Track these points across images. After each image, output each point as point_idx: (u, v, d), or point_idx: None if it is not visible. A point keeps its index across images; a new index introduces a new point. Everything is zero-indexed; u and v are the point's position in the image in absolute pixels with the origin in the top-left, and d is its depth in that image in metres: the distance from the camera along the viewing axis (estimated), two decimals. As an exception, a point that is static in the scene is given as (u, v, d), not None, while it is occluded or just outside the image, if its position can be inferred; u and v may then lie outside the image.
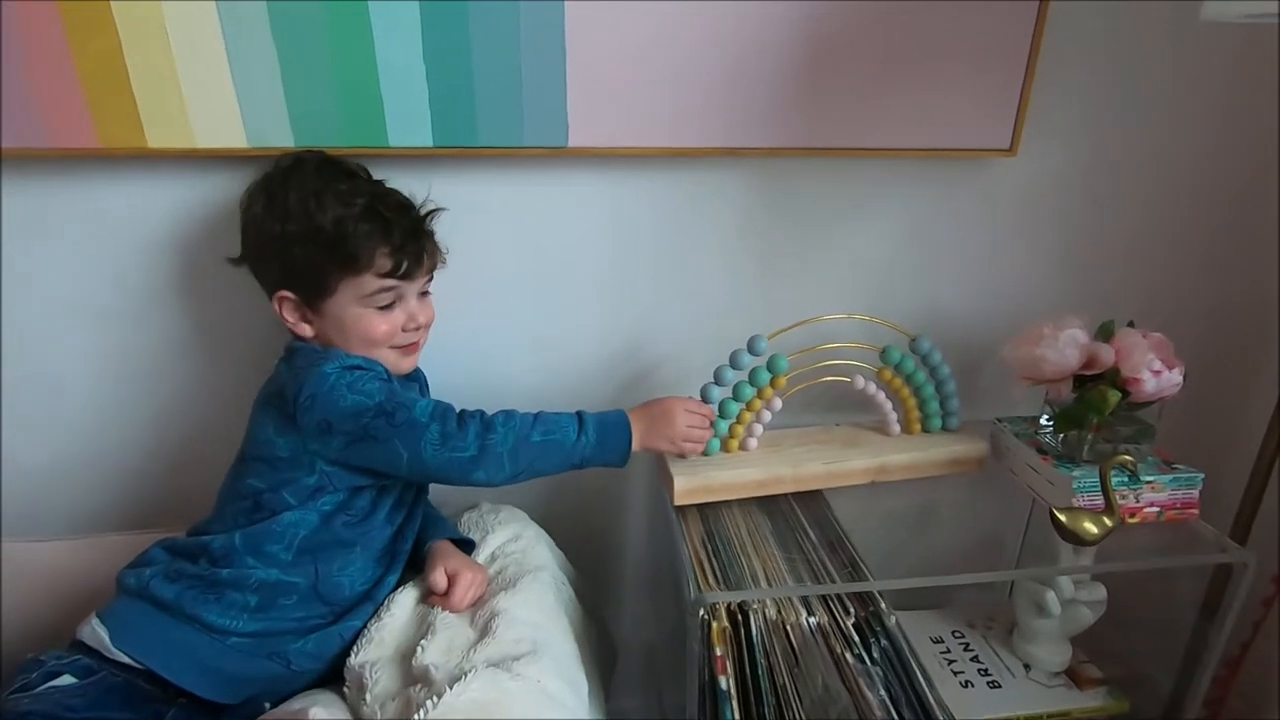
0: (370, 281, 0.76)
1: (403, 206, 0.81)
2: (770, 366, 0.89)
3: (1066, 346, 0.84)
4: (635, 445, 0.81)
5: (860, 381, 0.93)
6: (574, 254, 0.95)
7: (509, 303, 0.96)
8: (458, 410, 0.76)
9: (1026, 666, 1.00)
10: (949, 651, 1.04)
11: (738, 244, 0.97)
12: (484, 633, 0.74)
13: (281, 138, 0.82)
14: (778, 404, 0.92)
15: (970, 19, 0.86)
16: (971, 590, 1.18)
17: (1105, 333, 0.89)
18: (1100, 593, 0.95)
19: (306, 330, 0.79)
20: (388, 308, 0.79)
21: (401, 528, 0.82)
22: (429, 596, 0.80)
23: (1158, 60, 0.94)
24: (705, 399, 0.88)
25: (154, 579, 0.73)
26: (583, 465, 0.79)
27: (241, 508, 0.76)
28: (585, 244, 0.95)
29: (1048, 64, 0.89)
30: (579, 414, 0.79)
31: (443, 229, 0.84)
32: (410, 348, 0.83)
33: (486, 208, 0.88)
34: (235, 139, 0.82)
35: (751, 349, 0.88)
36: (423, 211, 0.82)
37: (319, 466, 0.75)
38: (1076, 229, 1.02)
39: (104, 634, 0.71)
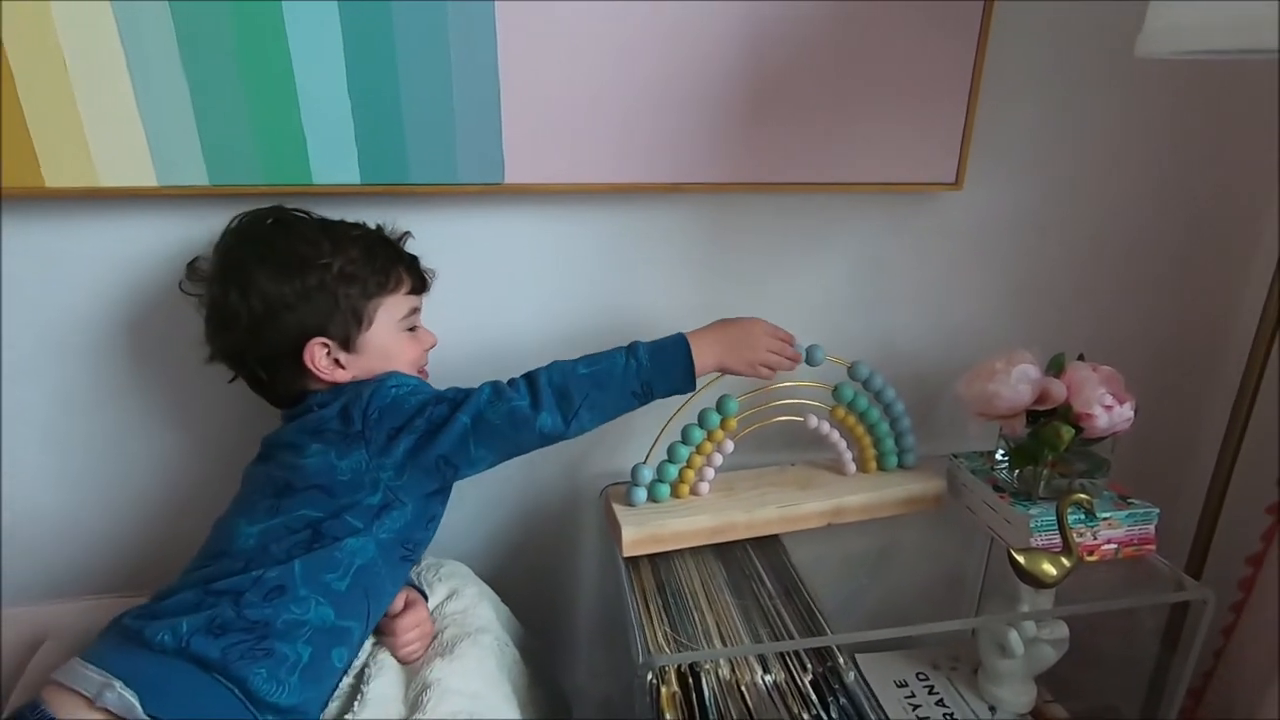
0: (400, 302, 0.77)
1: (386, 233, 0.81)
2: (719, 408, 0.86)
3: (1019, 382, 0.83)
4: (709, 364, 0.78)
5: (813, 420, 0.91)
6: (513, 295, 0.91)
7: (444, 347, 0.91)
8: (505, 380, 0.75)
9: (992, 708, 0.97)
10: (913, 696, 1.01)
11: (683, 282, 0.95)
12: (414, 708, 0.69)
13: (195, 175, 0.77)
14: (729, 446, 0.88)
15: (912, 53, 0.86)
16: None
17: (1056, 366, 0.88)
18: (1062, 630, 0.93)
19: (343, 375, 0.75)
20: (413, 330, 0.79)
21: None
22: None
23: (1101, 91, 0.95)
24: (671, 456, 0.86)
25: (195, 635, 0.64)
26: (648, 393, 0.76)
27: (298, 540, 0.69)
28: (524, 285, 0.91)
29: (990, 96, 0.89)
30: (630, 344, 0.77)
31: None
32: (425, 374, 0.82)
33: (419, 249, 0.84)
34: (144, 177, 0.77)
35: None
36: (396, 237, 0.82)
37: (383, 482, 0.71)
38: (1025, 261, 1.02)
39: (133, 699, 0.60)
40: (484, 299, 0.91)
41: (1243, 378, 0.87)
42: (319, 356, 0.73)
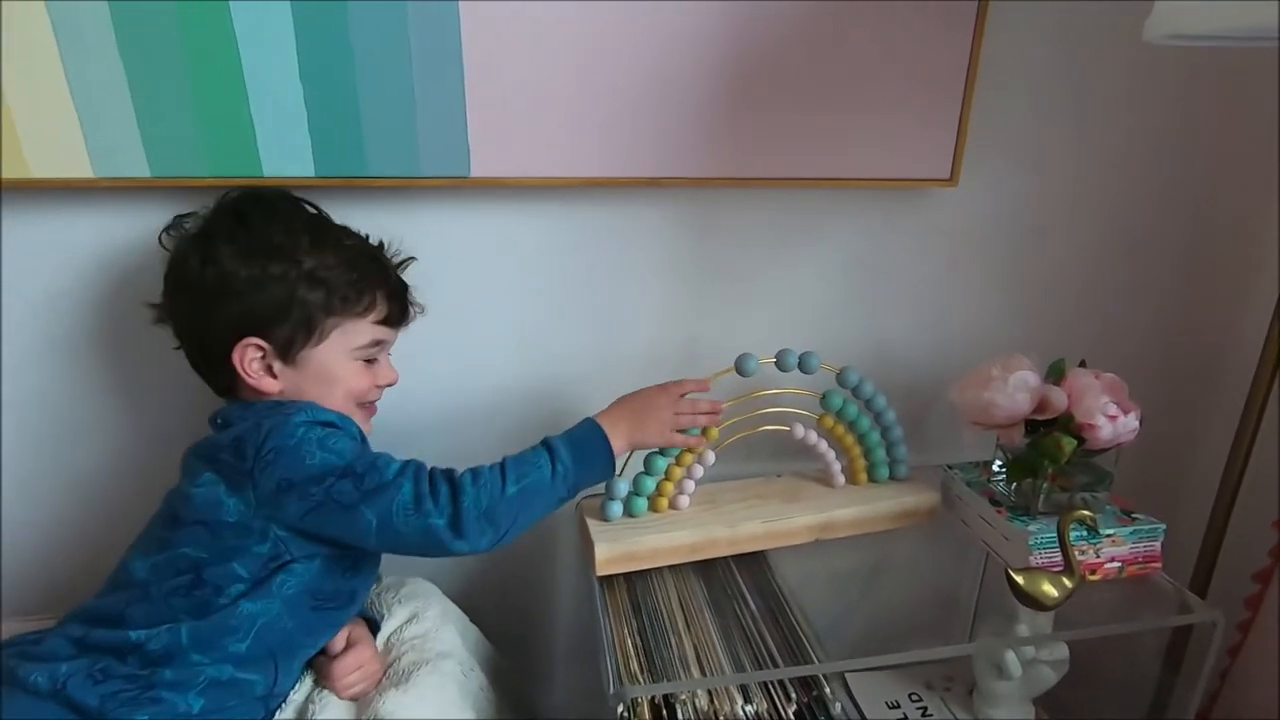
0: (365, 329, 0.70)
1: (382, 252, 0.75)
2: (700, 417, 0.81)
3: (1016, 390, 0.78)
4: (621, 446, 0.74)
5: (800, 430, 0.86)
6: (480, 295, 0.86)
7: (407, 349, 0.86)
8: (429, 468, 0.67)
9: (987, 732, 0.93)
10: (905, 718, 0.96)
11: (662, 283, 0.89)
12: (363, 744, 0.64)
13: (135, 167, 0.72)
14: (710, 458, 0.83)
15: (904, 43, 0.81)
16: (928, 643, 1.10)
17: (1056, 373, 0.83)
18: (1062, 651, 0.88)
19: (271, 385, 0.68)
20: (370, 361, 0.72)
21: None
22: (316, 655, 0.71)
23: (1103, 84, 0.91)
24: (648, 468, 0.81)
25: (73, 677, 0.59)
26: (571, 495, 0.71)
27: (178, 585, 0.63)
28: (493, 284, 0.86)
29: (987, 88, 0.85)
30: (546, 443, 0.71)
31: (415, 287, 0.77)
32: (373, 409, 0.76)
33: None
34: (79, 168, 0.71)
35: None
36: (396, 260, 0.76)
37: (272, 532, 0.64)
38: (1023, 261, 0.97)
39: None
40: (449, 301, 0.85)
41: (1251, 385, 0.83)
42: (249, 358, 0.67)
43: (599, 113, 0.78)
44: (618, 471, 0.76)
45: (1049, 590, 0.73)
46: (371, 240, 0.75)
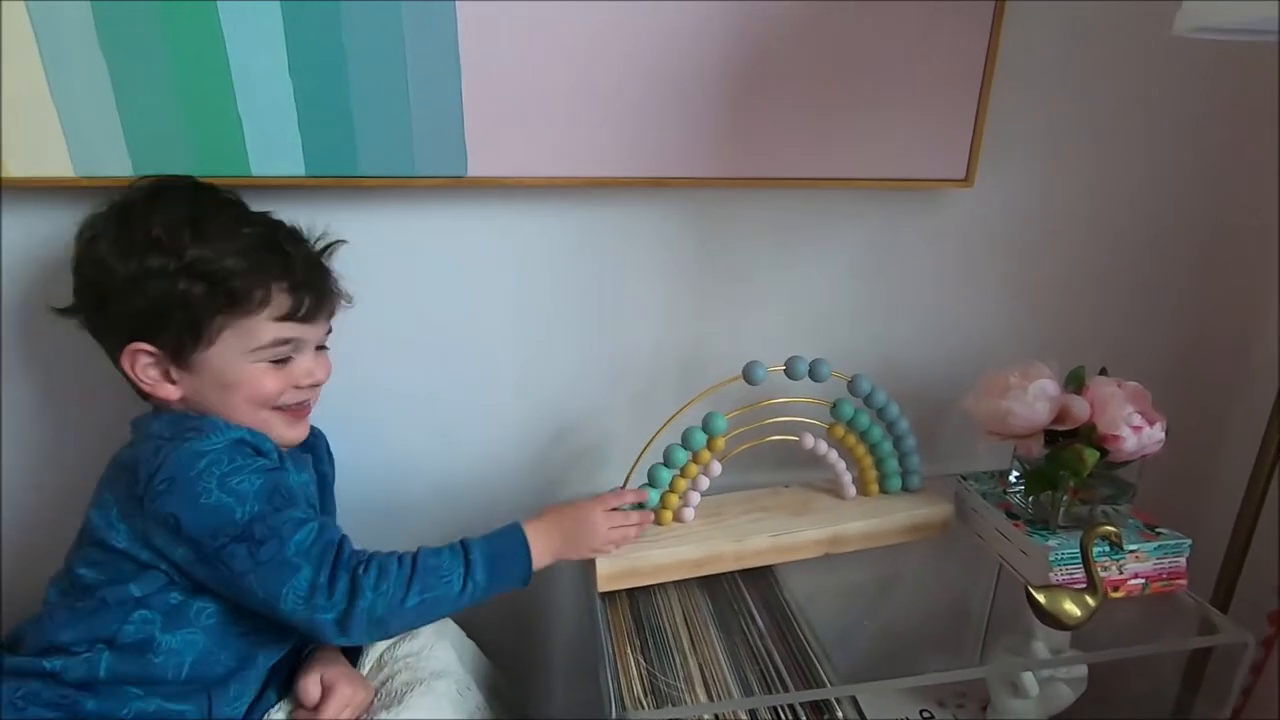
0: (264, 327, 0.63)
1: (299, 238, 0.68)
2: (706, 426, 0.78)
3: (1036, 399, 0.75)
4: (545, 560, 0.70)
5: (810, 440, 0.82)
6: (477, 299, 0.83)
7: (402, 357, 0.83)
8: (335, 552, 0.61)
9: (1002, 752, 0.90)
10: (917, 737, 0.93)
11: (665, 286, 0.86)
12: (354, 771, 0.61)
13: (118, 166, 0.69)
14: (716, 468, 0.80)
15: (918, 36, 0.78)
16: (940, 662, 1.07)
17: (1075, 381, 0.80)
18: (1081, 670, 0.85)
19: (170, 391, 0.63)
20: (281, 361, 0.65)
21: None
22: (296, 710, 0.67)
23: (1122, 82, 0.88)
24: (652, 479, 0.77)
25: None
26: (476, 604, 0.66)
27: (85, 608, 0.60)
28: (490, 287, 0.83)
29: (1004, 85, 0.81)
30: (466, 552, 0.66)
31: (341, 275, 0.72)
32: (300, 410, 0.69)
33: (372, 248, 0.76)
34: (59, 167, 0.68)
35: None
36: (319, 245, 0.70)
37: (165, 565, 0.60)
38: (1040, 265, 0.94)
39: None
40: (444, 303, 0.82)
41: (1278, 394, 0.79)
42: (141, 365, 0.62)
43: (600, 110, 0.75)
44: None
45: (1071, 609, 0.70)
46: (287, 227, 0.68)
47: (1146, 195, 0.93)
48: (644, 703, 0.66)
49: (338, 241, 0.71)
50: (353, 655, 0.73)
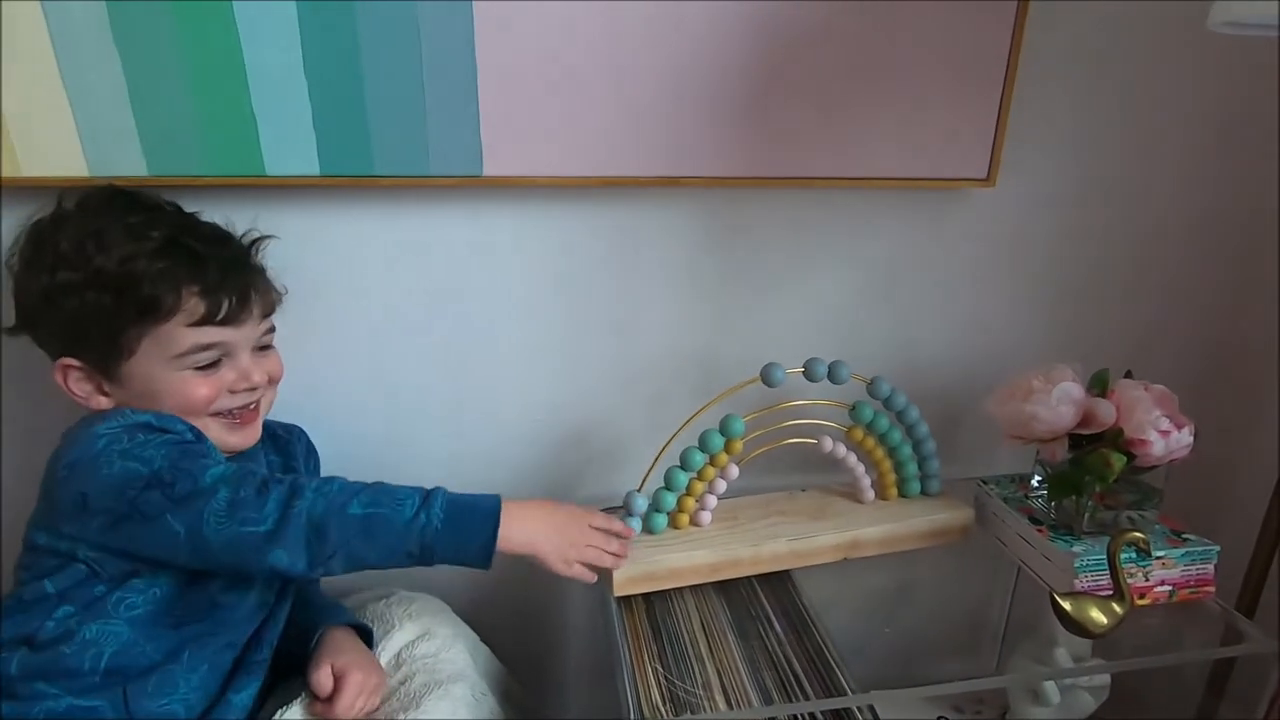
0: (180, 334, 0.61)
1: (218, 238, 0.67)
2: (723, 428, 0.77)
3: (1060, 403, 0.74)
4: (519, 543, 0.63)
5: (828, 443, 0.81)
6: (491, 298, 0.82)
7: (415, 356, 0.82)
8: (266, 475, 0.59)
9: (1022, 761, 0.88)
10: (935, 744, 0.92)
11: (681, 287, 0.85)
12: (372, 775, 0.60)
13: (132, 165, 0.68)
14: (734, 472, 0.79)
15: (939, 35, 0.77)
16: (958, 667, 1.06)
17: (1100, 384, 0.79)
18: (1103, 677, 0.84)
19: (103, 403, 0.63)
20: (210, 367, 0.64)
21: (258, 631, 0.66)
22: (312, 704, 0.66)
23: (1148, 79, 0.86)
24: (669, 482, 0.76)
25: None
26: (424, 557, 0.60)
27: (8, 608, 0.60)
28: (505, 287, 0.82)
29: (1027, 83, 0.80)
30: (427, 490, 0.62)
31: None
32: (244, 416, 0.67)
33: (385, 248, 0.75)
34: (73, 166, 0.68)
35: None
36: (246, 241, 0.68)
37: (81, 554, 0.59)
38: (1063, 266, 0.92)
39: None
40: (459, 303, 0.81)
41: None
42: (73, 379, 0.62)
43: (617, 109, 0.74)
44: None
45: (1098, 617, 0.69)
46: (204, 227, 0.66)
47: (1172, 194, 0.92)
48: (662, 710, 0.66)
49: (265, 237, 0.69)
50: (367, 639, 0.72)
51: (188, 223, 0.66)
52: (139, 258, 0.60)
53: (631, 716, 0.64)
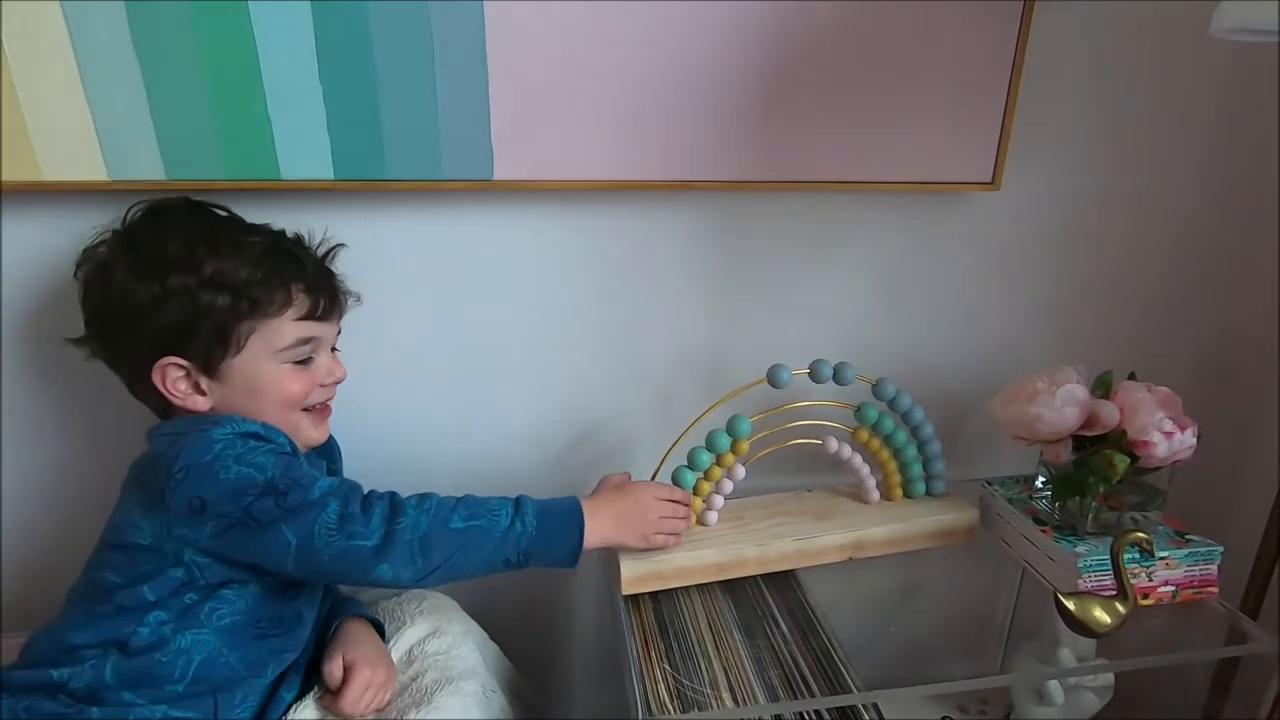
0: (286, 329, 0.65)
1: (301, 243, 0.70)
2: (730, 429, 0.78)
3: (1064, 404, 0.74)
4: (595, 541, 0.68)
5: (833, 444, 0.82)
6: (501, 301, 0.83)
7: (424, 357, 0.83)
8: (366, 491, 0.63)
9: (1027, 760, 0.89)
10: (940, 743, 0.92)
11: (688, 289, 0.86)
12: (385, 770, 0.61)
13: (150, 169, 0.70)
14: (740, 472, 0.80)
15: (945, 39, 0.78)
16: (962, 667, 1.07)
17: (1104, 386, 0.79)
18: (1107, 677, 0.84)
19: (201, 403, 0.65)
20: (303, 362, 0.67)
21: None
22: (323, 696, 0.67)
23: (1152, 84, 0.87)
24: (676, 482, 0.77)
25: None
26: (521, 563, 0.65)
27: (100, 612, 0.61)
28: (514, 289, 0.83)
29: (1031, 88, 0.81)
30: (517, 499, 0.66)
31: (344, 275, 0.72)
32: (323, 411, 0.71)
33: (397, 250, 0.76)
34: (93, 171, 0.69)
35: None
36: (321, 250, 0.71)
37: (186, 557, 0.60)
38: (1068, 268, 0.93)
39: None
40: (470, 306, 0.83)
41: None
42: (172, 379, 0.63)
43: (626, 114, 0.75)
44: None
45: (1101, 616, 0.69)
46: (288, 234, 0.70)
47: (1176, 197, 0.92)
48: (669, 707, 0.66)
49: (338, 245, 0.72)
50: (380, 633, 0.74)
51: (272, 229, 0.69)
52: (250, 259, 0.64)
53: (639, 714, 0.65)
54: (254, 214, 0.71)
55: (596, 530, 0.68)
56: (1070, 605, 0.69)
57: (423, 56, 0.70)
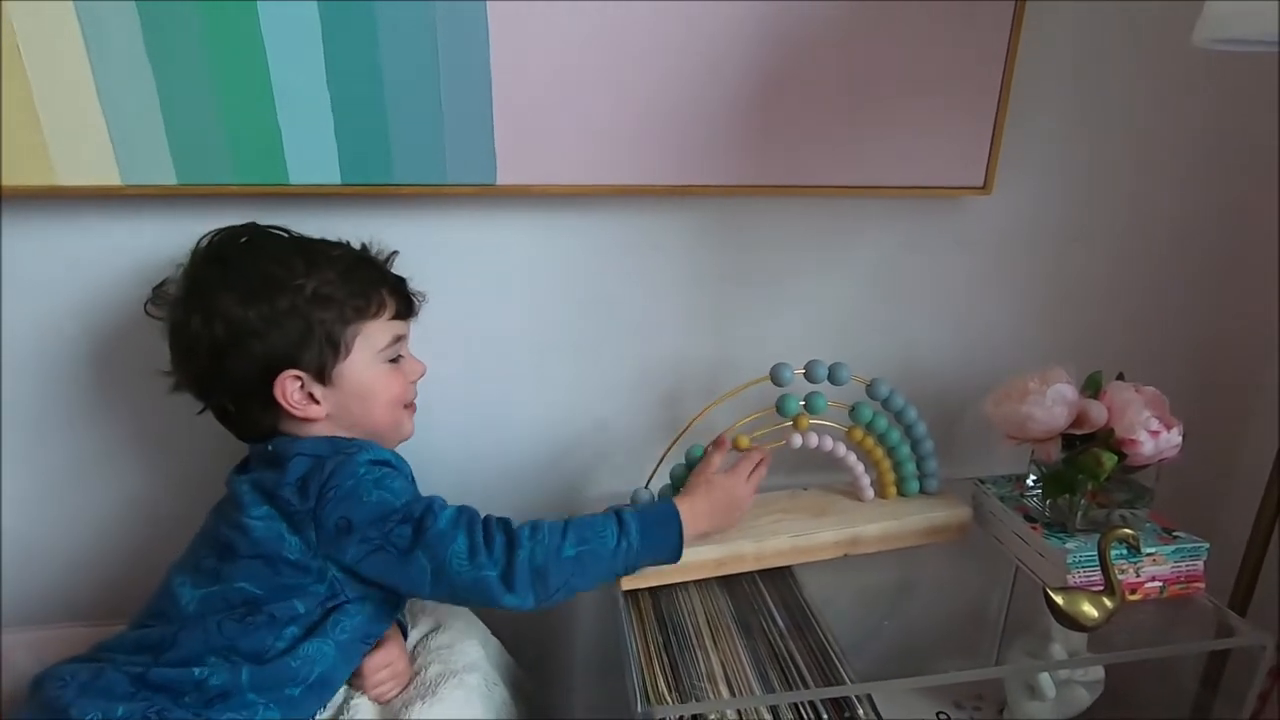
0: (382, 329, 0.70)
1: (370, 252, 0.75)
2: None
3: (1054, 404, 0.76)
4: (697, 536, 0.74)
5: (829, 443, 0.84)
6: (504, 304, 0.85)
7: (429, 360, 0.85)
8: (483, 516, 0.67)
9: (1019, 754, 0.90)
10: (934, 738, 0.94)
11: (688, 292, 0.88)
12: (391, 758, 0.63)
13: (161, 174, 0.72)
14: (738, 470, 0.81)
15: (937, 47, 0.79)
16: (957, 663, 1.08)
17: (1093, 386, 0.81)
18: (1098, 672, 0.86)
19: (317, 411, 0.68)
20: (395, 361, 0.72)
21: None
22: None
23: (1141, 90, 0.89)
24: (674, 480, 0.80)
25: None
26: (629, 572, 0.71)
27: (233, 619, 0.63)
28: (519, 294, 0.85)
29: (1022, 93, 0.83)
30: (617, 513, 0.70)
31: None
32: (413, 407, 0.75)
33: (403, 254, 0.78)
34: (106, 175, 0.71)
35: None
36: (381, 257, 0.75)
37: (330, 573, 0.64)
38: (1058, 271, 0.95)
39: None
40: (475, 309, 0.84)
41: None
42: (291, 390, 0.66)
43: (627, 120, 0.77)
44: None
45: (1089, 611, 0.71)
46: (354, 244, 0.73)
47: (1165, 200, 0.94)
48: (668, 698, 0.68)
49: (394, 253, 0.76)
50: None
51: (342, 242, 0.73)
52: (342, 270, 0.68)
53: (638, 705, 0.66)
54: (263, 218, 0.72)
55: (695, 528, 0.73)
56: (1059, 600, 0.71)
57: (428, 63, 0.72)
